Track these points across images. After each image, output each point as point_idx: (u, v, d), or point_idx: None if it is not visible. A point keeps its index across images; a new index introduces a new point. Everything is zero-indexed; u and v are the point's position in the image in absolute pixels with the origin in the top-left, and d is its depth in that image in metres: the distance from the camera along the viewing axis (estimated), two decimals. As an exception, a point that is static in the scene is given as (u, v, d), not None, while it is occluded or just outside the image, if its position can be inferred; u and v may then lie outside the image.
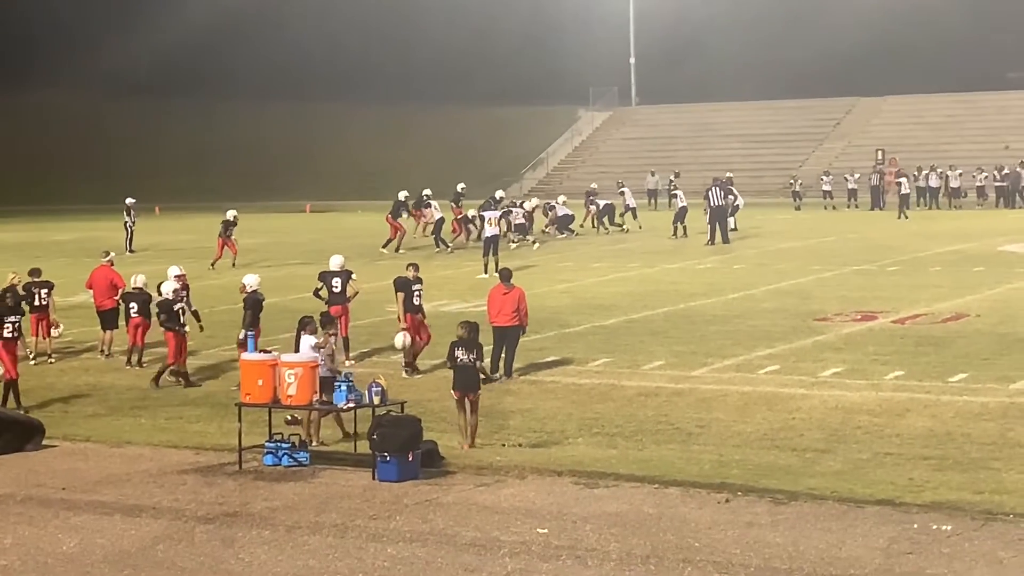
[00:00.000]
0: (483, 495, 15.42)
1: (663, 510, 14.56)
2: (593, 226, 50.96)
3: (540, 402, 20.95)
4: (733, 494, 15.07)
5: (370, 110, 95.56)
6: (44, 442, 18.59)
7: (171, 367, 23.09)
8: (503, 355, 22.48)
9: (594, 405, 20.63)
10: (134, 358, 25.02)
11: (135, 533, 14.19)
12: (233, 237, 41.48)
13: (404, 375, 22.87)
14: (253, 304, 23.33)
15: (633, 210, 52.52)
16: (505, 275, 23.06)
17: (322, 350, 18.24)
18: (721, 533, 13.64)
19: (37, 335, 25.93)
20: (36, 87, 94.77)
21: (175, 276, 23.99)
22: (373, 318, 28.50)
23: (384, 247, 44.38)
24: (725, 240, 44.92)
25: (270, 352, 18.01)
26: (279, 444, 17.22)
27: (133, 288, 25.41)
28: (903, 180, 58.58)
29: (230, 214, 42.35)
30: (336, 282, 24.82)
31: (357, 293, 25.36)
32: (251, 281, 23.84)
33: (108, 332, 26.13)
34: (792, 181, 67.51)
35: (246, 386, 17.54)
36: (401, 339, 22.39)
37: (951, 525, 13.77)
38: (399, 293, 23.89)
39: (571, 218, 49.77)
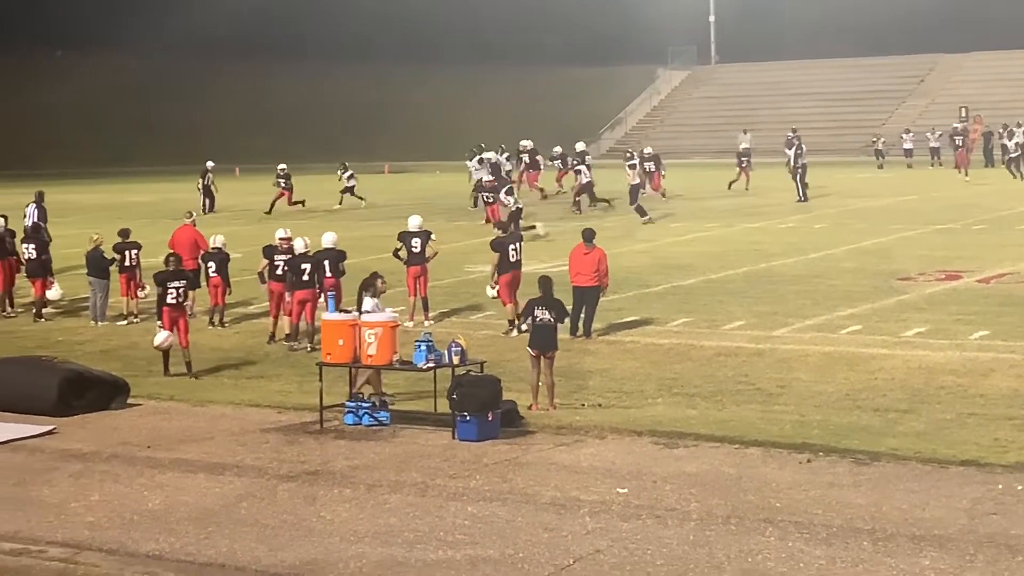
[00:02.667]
0: (562, 455, 15.43)
1: (743, 470, 14.49)
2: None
3: (619, 362, 20.92)
4: (814, 454, 14.97)
5: (445, 71, 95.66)
6: (129, 401, 18.83)
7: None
8: (582, 315, 22.45)
9: (673, 365, 20.57)
10: (216, 318, 25.21)
11: (219, 491, 14.34)
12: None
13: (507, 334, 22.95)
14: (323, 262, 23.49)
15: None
16: (588, 235, 22.93)
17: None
18: (802, 493, 13.56)
19: (126, 295, 26.23)
20: (112, 50, 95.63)
21: (280, 238, 23.94)
22: (452, 278, 28.57)
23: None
24: (801, 197, 44.65)
25: (350, 312, 18.10)
26: (360, 403, 17.32)
27: (212, 248, 25.58)
28: (1009, 141, 57.17)
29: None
30: (415, 242, 24.85)
31: (436, 253, 25.40)
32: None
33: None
34: (875, 139, 66.81)
35: (327, 346, 17.64)
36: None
37: (1036, 486, 13.61)
38: (495, 253, 23.90)
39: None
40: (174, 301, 21.09)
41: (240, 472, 15.05)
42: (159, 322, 21.26)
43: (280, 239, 23.87)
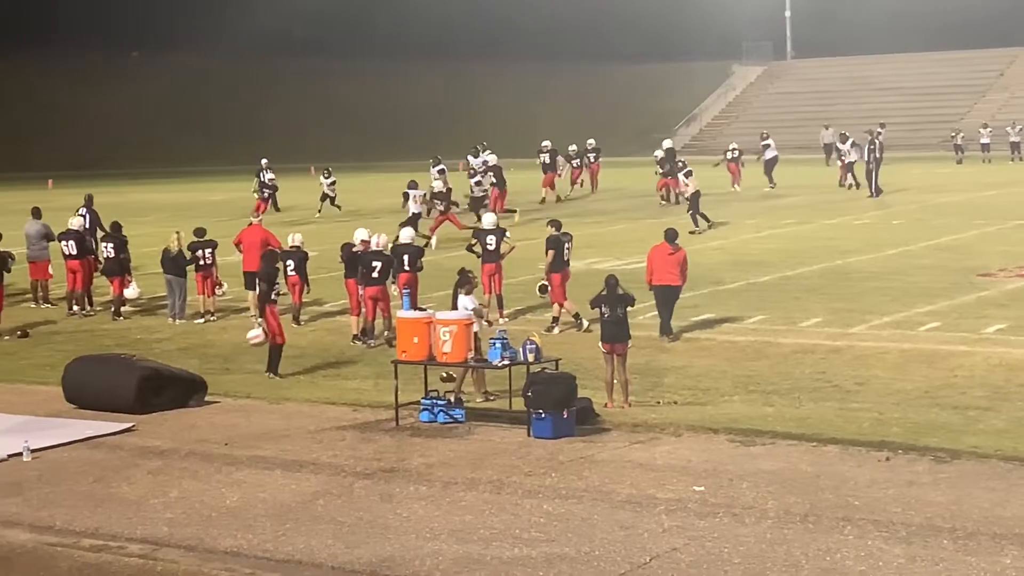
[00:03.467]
0: (638, 452, 15.38)
1: (821, 468, 14.38)
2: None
3: (694, 359, 20.82)
4: (893, 452, 14.82)
5: (515, 69, 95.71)
6: (206, 398, 18.98)
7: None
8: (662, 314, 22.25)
9: (749, 363, 20.44)
10: (294, 316, 25.29)
11: (295, 488, 14.42)
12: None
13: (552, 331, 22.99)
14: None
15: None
16: (671, 235, 22.67)
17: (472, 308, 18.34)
18: (881, 491, 13.43)
19: (202, 294, 26.41)
20: (186, 50, 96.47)
21: (361, 241, 24.03)
22: (526, 276, 28.49)
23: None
24: (876, 192, 44.25)
25: (426, 310, 18.15)
26: (435, 401, 17.35)
27: (291, 246, 25.64)
28: None
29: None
30: (490, 240, 24.86)
31: (513, 249, 25.41)
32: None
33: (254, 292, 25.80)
34: (953, 134, 66.08)
35: (402, 343, 17.69)
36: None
37: (1121, 485, 13.39)
38: (550, 251, 23.88)
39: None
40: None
41: (316, 469, 15.12)
42: (259, 319, 21.35)
43: (361, 241, 23.89)
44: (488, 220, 25.49)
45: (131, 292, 27.43)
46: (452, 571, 11.58)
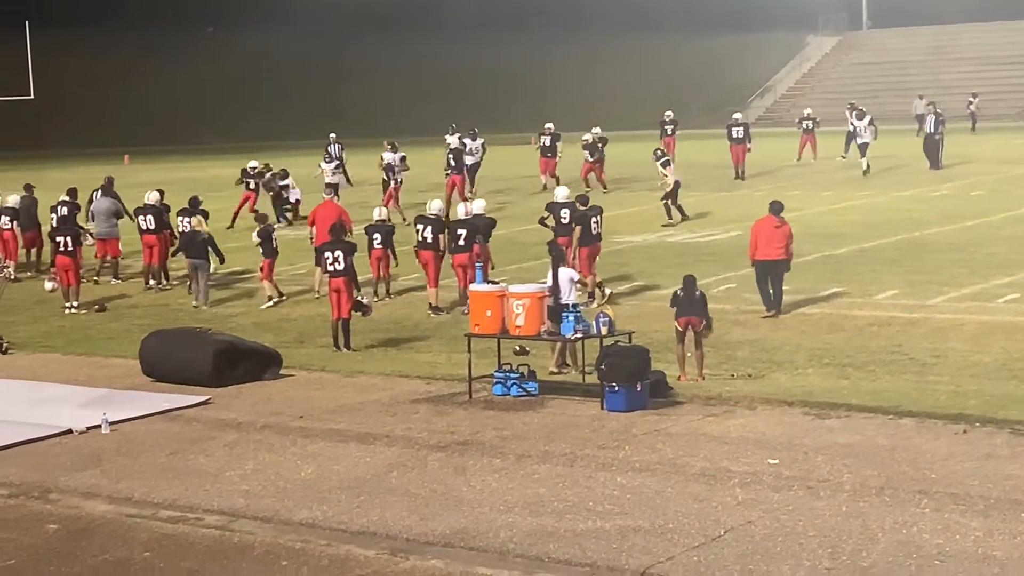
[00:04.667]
0: (712, 425, 15.32)
1: (897, 441, 14.26)
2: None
3: (769, 332, 20.70)
4: (970, 425, 14.67)
5: (588, 42, 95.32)
6: (281, 371, 19.11)
7: None
8: (771, 290, 21.81)
9: (824, 335, 20.29)
10: (380, 289, 25.28)
11: (369, 460, 14.49)
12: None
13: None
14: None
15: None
16: (776, 207, 22.25)
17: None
18: (958, 464, 13.29)
19: (267, 280, 25.76)
20: (261, 25, 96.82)
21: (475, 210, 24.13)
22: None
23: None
24: (935, 166, 43.59)
25: (498, 283, 18.16)
26: (508, 374, 17.36)
27: (376, 220, 25.59)
28: None
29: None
30: (564, 213, 24.78)
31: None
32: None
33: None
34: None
35: (475, 317, 17.72)
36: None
37: None
38: (577, 227, 23.88)
39: None
40: (332, 270, 21.23)
41: (390, 442, 15.19)
42: (359, 294, 21.34)
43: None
44: (560, 193, 25.44)
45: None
46: (526, 543, 11.60)
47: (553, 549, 11.41)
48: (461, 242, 23.47)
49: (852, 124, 44.54)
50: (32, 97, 61.12)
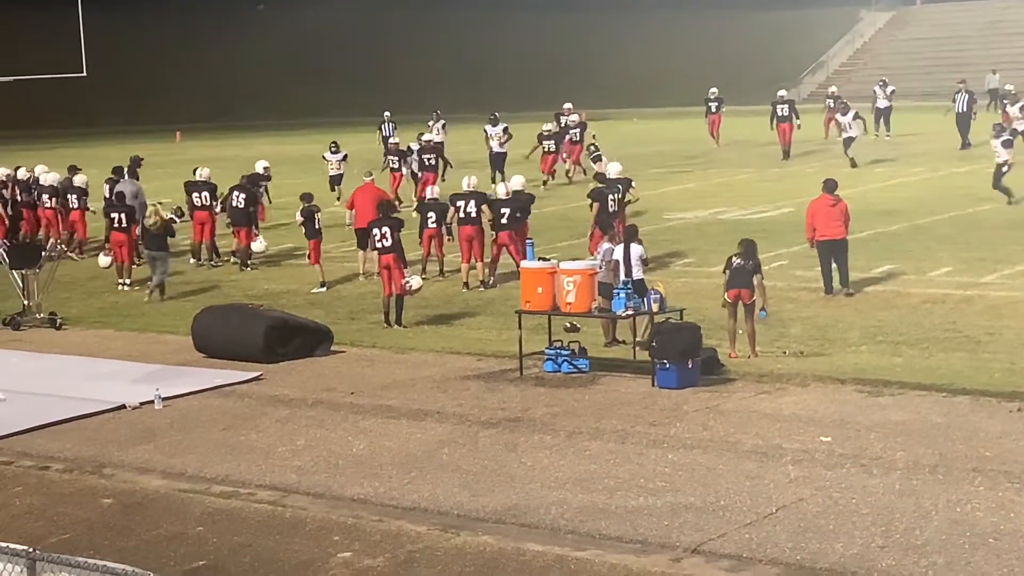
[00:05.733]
0: (764, 402, 15.26)
1: (951, 419, 14.15)
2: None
3: (821, 309, 20.58)
4: (1026, 403, 14.55)
5: (646, 19, 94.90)
6: (332, 348, 19.17)
7: None
8: (834, 270, 21.46)
9: (877, 313, 20.15)
10: (433, 268, 25.13)
11: (421, 437, 14.53)
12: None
13: None
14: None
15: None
16: (831, 185, 21.90)
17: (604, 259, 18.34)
18: (1013, 443, 13.18)
19: (316, 263, 25.28)
20: (312, 2, 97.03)
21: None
22: (651, 226, 28.34)
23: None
24: (965, 145, 42.90)
25: (549, 260, 18.14)
26: (559, 351, 17.35)
27: (429, 199, 25.53)
28: None
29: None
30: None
31: (637, 199, 25.37)
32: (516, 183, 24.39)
33: (365, 252, 25.04)
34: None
35: (526, 294, 17.71)
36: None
37: None
38: (594, 204, 23.83)
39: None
40: (380, 247, 21.23)
41: (441, 418, 15.22)
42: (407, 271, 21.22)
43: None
44: (612, 170, 25.34)
45: (258, 245, 27.59)
46: (577, 519, 11.60)
47: (604, 526, 11.41)
48: (504, 220, 23.44)
49: (838, 119, 41.88)
50: (84, 74, 61.43)
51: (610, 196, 24.03)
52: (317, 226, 25.44)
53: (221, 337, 19.08)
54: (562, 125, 39.85)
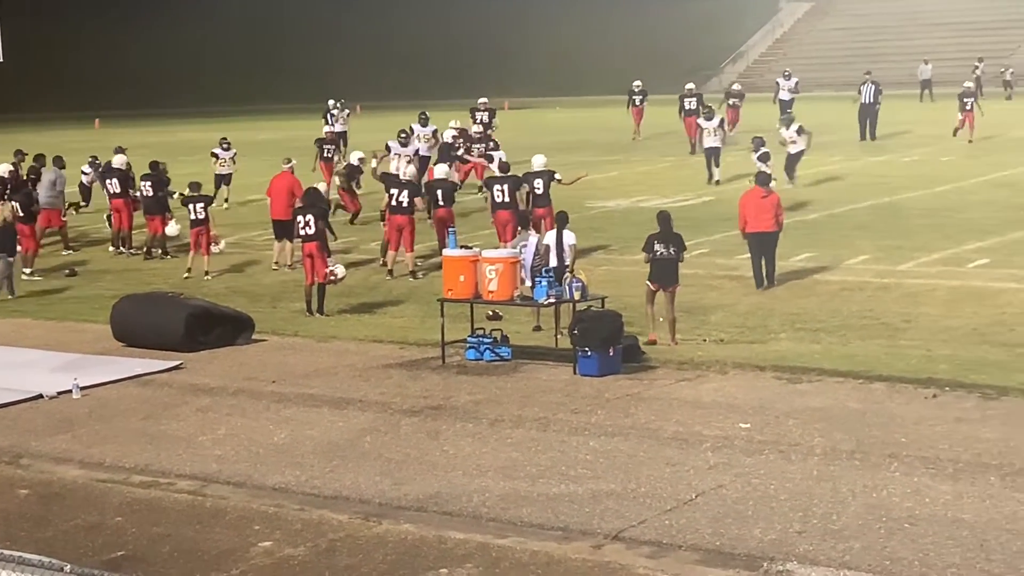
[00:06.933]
0: (684, 390, 15.37)
1: (868, 405, 14.33)
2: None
3: (742, 297, 20.75)
4: (941, 389, 14.75)
5: (564, 6, 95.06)
6: (254, 336, 19.07)
7: None
8: (763, 264, 21.39)
9: (797, 300, 20.35)
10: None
11: (343, 425, 14.50)
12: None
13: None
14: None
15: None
16: (763, 179, 21.98)
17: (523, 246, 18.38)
18: (929, 428, 13.37)
19: (196, 251, 25.25)
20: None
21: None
22: (573, 215, 28.34)
23: None
24: (872, 136, 43.29)
25: (471, 248, 18.15)
26: (481, 339, 17.38)
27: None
28: None
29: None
30: (538, 183, 24.62)
31: (580, 178, 25.87)
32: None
33: (282, 242, 25.20)
34: (1003, 70, 65.25)
35: (448, 282, 17.71)
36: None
37: None
38: (487, 191, 24.10)
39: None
40: (303, 234, 21.12)
41: (364, 407, 15.20)
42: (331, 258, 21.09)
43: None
44: (537, 162, 25.36)
45: (171, 230, 27.30)
46: (499, 507, 11.63)
47: (526, 513, 11.44)
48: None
49: (783, 133, 34.61)
50: (0, 60, 60.65)
51: (496, 187, 24.08)
52: (203, 216, 25.10)
53: (141, 326, 18.92)
54: (478, 122, 38.98)
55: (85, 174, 34.50)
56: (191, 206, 25.23)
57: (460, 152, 33.27)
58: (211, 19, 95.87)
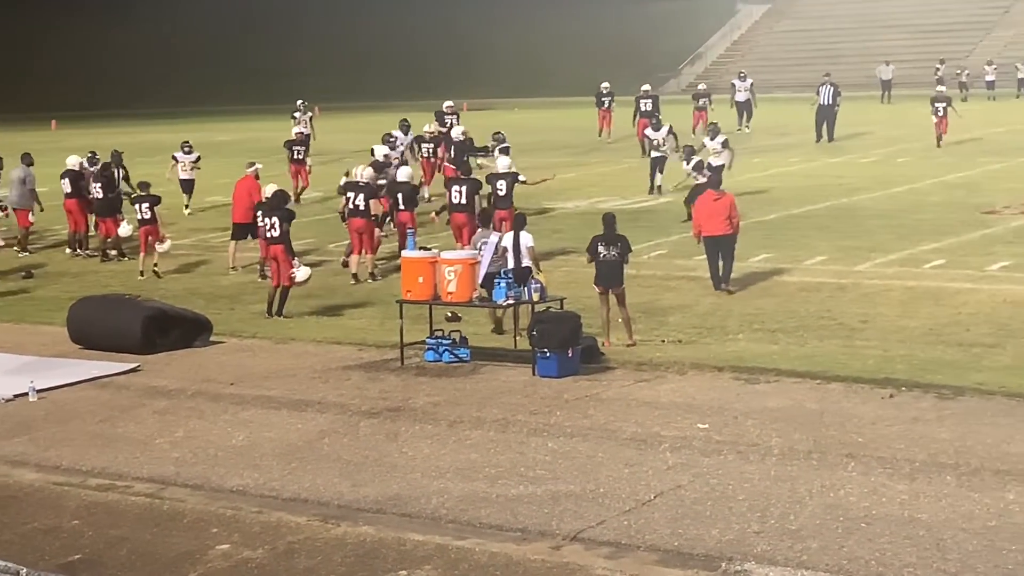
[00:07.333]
0: (643, 391, 15.40)
1: (826, 405, 14.40)
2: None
3: (700, 298, 20.81)
4: (898, 389, 14.85)
5: (521, 7, 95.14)
6: (212, 338, 19.00)
7: None
8: (720, 266, 21.21)
9: (755, 301, 20.43)
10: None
11: (301, 427, 14.46)
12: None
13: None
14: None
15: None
16: (715, 181, 22.00)
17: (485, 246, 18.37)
18: (886, 428, 13.45)
19: (145, 251, 25.26)
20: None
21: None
22: (531, 216, 28.38)
23: None
24: (830, 138, 43.46)
25: (430, 249, 18.14)
26: (440, 340, 17.37)
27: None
28: None
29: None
30: (501, 184, 24.57)
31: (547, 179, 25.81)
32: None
33: (236, 243, 25.24)
34: (959, 72, 65.71)
35: (407, 283, 17.69)
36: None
37: (1126, 421, 13.41)
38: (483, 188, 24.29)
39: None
40: (268, 236, 21.02)
41: (323, 408, 15.16)
42: (295, 260, 20.98)
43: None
44: (502, 164, 25.33)
45: (124, 231, 27.14)
46: (458, 509, 11.63)
47: (485, 514, 11.45)
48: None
49: (705, 142, 31.77)
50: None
51: (453, 187, 24.06)
52: (141, 216, 25.16)
53: (98, 328, 18.81)
54: (446, 125, 38.18)
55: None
56: (138, 206, 25.30)
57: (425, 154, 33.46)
58: (158, 19, 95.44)
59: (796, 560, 10.16)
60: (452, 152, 32.04)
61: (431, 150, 34.73)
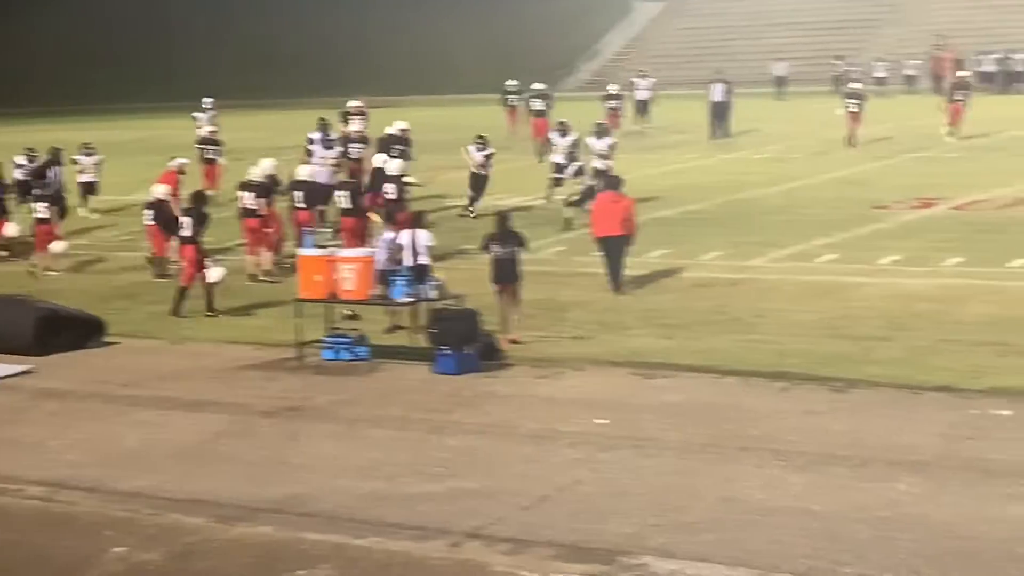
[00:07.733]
0: (542, 387, 15.47)
1: (721, 399, 14.56)
2: None
3: (597, 294, 20.93)
4: (792, 383, 15.05)
5: (413, 4, 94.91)
6: (106, 339, 18.78)
7: None
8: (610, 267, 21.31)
9: (651, 296, 20.59)
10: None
11: (198, 428, 14.35)
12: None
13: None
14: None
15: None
16: (615, 183, 22.12)
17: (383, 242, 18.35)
18: (780, 421, 13.63)
19: (40, 250, 25.24)
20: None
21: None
22: (431, 214, 28.33)
23: None
24: (725, 134, 43.93)
25: (326, 248, 18.07)
26: (338, 339, 17.31)
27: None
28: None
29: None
30: (390, 188, 24.63)
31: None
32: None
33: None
34: (847, 68, 66.51)
35: (304, 282, 17.62)
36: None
37: (1012, 411, 13.70)
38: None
39: None
40: (182, 235, 20.98)
41: (220, 409, 15.05)
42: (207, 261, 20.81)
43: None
44: (391, 167, 25.31)
45: (11, 230, 26.94)
46: (357, 507, 11.60)
47: (384, 513, 11.44)
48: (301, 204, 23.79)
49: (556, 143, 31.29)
50: None
51: (338, 192, 24.32)
52: (47, 215, 25.18)
53: (-12, 329, 18.52)
54: (349, 124, 36.90)
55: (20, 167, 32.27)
56: (35, 204, 25.14)
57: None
58: (77, 13, 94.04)
59: (693, 553, 10.26)
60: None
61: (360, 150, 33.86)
